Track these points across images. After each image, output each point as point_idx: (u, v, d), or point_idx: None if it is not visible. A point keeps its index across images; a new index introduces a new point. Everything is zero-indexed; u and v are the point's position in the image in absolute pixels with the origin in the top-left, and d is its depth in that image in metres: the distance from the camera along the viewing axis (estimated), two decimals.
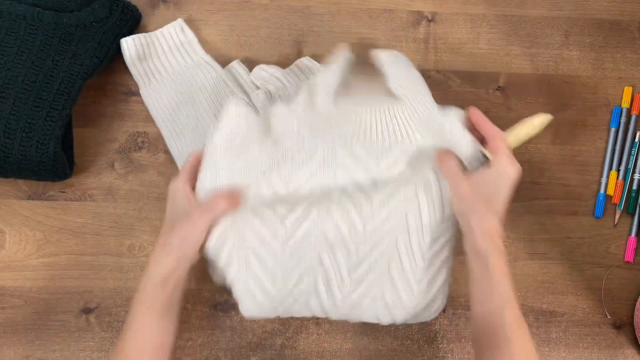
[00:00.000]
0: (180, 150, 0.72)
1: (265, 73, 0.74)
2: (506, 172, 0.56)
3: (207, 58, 0.76)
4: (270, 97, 0.72)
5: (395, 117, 0.61)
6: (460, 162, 0.61)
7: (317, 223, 0.60)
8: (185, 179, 0.59)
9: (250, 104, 0.73)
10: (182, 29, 0.76)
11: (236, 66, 0.76)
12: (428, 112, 0.62)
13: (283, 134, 0.61)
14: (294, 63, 0.76)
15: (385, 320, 0.62)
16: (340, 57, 0.65)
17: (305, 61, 0.76)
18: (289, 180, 0.59)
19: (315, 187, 0.59)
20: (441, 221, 0.61)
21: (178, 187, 0.58)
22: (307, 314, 0.63)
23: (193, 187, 0.59)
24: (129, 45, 0.74)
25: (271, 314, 0.62)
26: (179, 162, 0.72)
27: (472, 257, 0.56)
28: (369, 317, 0.62)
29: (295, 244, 0.60)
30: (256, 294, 0.60)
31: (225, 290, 0.64)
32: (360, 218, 0.60)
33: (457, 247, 0.63)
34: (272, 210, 0.60)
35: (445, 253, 0.62)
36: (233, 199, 0.57)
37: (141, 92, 0.74)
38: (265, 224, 0.60)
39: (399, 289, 0.61)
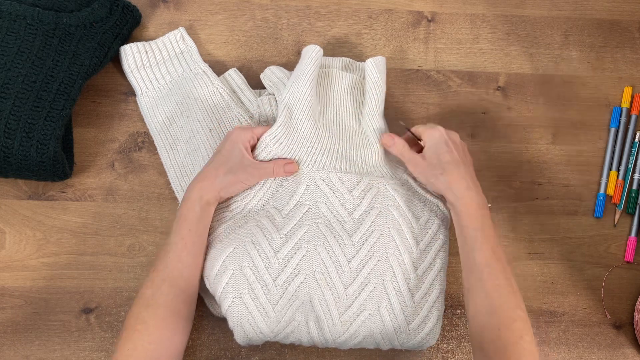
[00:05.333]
0: (172, 161, 0.72)
1: (275, 77, 0.74)
2: (433, 137, 0.66)
3: (205, 67, 0.75)
4: (275, 103, 0.72)
5: (364, 150, 0.69)
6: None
7: (307, 258, 0.63)
8: (250, 137, 0.65)
9: (246, 111, 0.73)
10: (183, 38, 0.76)
11: (233, 74, 0.76)
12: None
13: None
14: None
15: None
16: (312, 61, 0.68)
17: None
18: (282, 209, 0.65)
19: (304, 215, 0.65)
20: (420, 252, 0.65)
21: (243, 139, 0.65)
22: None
23: (250, 140, 0.66)
24: (127, 53, 0.74)
25: (265, 342, 0.64)
26: (170, 172, 0.71)
27: (451, 212, 0.64)
28: (362, 347, 0.65)
29: (287, 281, 0.62)
30: (248, 330, 0.62)
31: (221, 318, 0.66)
32: (344, 256, 0.63)
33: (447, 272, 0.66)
34: (269, 241, 0.63)
35: (436, 285, 0.65)
36: (287, 169, 0.66)
37: (137, 99, 0.74)
38: (261, 255, 0.62)
39: (389, 328, 0.63)
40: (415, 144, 0.70)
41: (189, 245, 0.61)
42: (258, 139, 0.67)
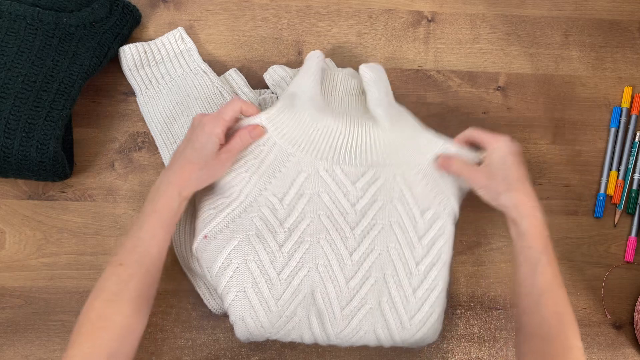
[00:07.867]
0: None
1: (278, 76, 0.74)
2: (500, 150, 0.63)
3: (205, 67, 0.75)
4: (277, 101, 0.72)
5: (373, 138, 0.66)
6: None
7: (310, 251, 0.62)
8: (222, 125, 0.61)
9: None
10: (182, 38, 0.76)
11: (233, 74, 0.75)
12: (411, 137, 0.67)
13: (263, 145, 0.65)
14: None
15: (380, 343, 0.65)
16: (315, 61, 0.68)
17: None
18: (282, 197, 0.63)
19: (305, 206, 0.64)
20: (423, 248, 0.65)
21: (217, 131, 0.61)
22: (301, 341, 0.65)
23: (224, 130, 0.62)
24: (126, 53, 0.74)
25: (265, 339, 0.64)
26: None
27: (511, 229, 0.62)
28: (363, 343, 0.64)
29: (291, 275, 0.62)
30: (250, 325, 0.61)
31: (219, 316, 0.66)
32: (346, 249, 0.63)
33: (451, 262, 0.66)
34: (273, 235, 0.62)
35: (439, 281, 0.64)
36: (253, 134, 0.63)
37: (137, 100, 0.74)
38: (266, 249, 0.62)
39: (390, 323, 0.63)
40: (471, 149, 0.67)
41: (161, 242, 0.59)
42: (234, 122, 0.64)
